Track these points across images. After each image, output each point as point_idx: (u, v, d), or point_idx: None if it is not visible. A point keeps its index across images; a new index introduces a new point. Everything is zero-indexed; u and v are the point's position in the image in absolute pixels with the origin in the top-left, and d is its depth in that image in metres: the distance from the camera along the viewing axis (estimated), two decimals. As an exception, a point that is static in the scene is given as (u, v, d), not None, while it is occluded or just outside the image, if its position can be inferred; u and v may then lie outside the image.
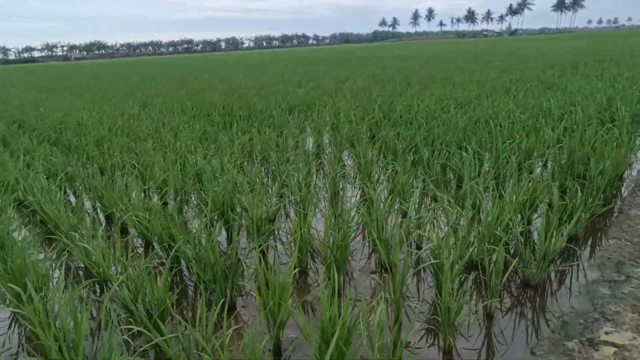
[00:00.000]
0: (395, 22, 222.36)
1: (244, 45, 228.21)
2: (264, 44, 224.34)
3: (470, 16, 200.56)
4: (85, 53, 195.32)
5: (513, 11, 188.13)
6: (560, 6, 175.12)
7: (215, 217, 3.75)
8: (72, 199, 4.93)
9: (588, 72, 11.80)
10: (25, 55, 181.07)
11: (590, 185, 3.79)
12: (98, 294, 2.95)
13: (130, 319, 2.35)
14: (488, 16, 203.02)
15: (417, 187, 4.12)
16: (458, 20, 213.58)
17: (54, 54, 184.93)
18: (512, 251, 3.19)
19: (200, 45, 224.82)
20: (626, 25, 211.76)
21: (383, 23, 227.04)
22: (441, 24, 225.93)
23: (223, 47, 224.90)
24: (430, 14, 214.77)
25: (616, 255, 3.10)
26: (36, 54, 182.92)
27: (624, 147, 4.51)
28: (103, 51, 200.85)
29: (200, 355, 2.00)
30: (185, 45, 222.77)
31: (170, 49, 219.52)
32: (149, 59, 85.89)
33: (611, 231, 3.48)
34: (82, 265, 3.27)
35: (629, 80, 9.78)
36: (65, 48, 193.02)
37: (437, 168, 4.45)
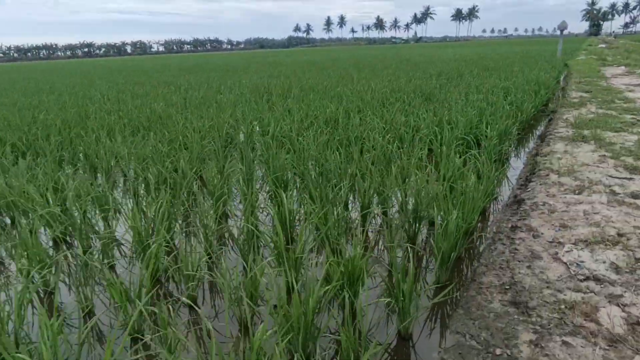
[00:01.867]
0: (309, 28, 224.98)
1: (152, 50, 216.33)
2: (175, 48, 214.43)
3: (379, 24, 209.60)
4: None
5: (417, 20, 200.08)
6: (458, 16, 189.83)
7: None
8: None
9: (469, 82, 11.67)
10: None
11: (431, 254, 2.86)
12: None
13: None
14: (395, 24, 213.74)
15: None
16: (368, 27, 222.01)
17: None
18: None
19: (103, 49, 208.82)
20: (513, 35, 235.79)
21: (297, 29, 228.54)
22: (352, 30, 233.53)
23: (129, 51, 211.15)
24: (341, 20, 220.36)
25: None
26: None
27: (483, 186, 3.72)
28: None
29: None
30: (85, 49, 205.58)
31: (68, 52, 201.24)
32: (40, 63, 76.77)
33: (454, 322, 2.54)
34: None
35: (503, 91, 9.62)
36: None
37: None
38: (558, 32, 24.45)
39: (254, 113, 8.01)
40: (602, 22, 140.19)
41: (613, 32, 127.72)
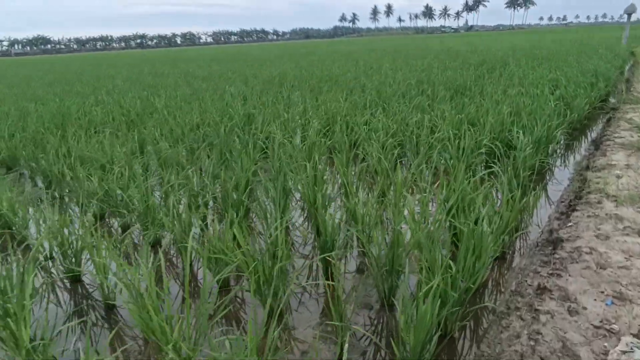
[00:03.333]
0: (354, 17, 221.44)
1: (201, 41, 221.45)
2: (222, 39, 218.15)
3: (428, 12, 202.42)
4: (28, 48, 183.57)
5: (469, 7, 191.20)
6: (512, 3, 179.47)
7: None
8: None
9: (513, 73, 10.10)
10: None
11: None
12: None
13: None
14: (445, 12, 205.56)
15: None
16: (416, 16, 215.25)
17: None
18: None
19: (155, 41, 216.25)
20: (574, 23, 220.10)
21: (343, 19, 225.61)
22: (400, 19, 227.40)
23: (179, 42, 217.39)
24: (388, 9, 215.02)
25: None
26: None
27: (503, 220, 2.55)
28: (49, 46, 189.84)
29: None
30: (139, 40, 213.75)
31: (122, 44, 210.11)
32: (96, 54, 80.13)
33: None
34: None
35: (552, 83, 8.08)
36: (5, 43, 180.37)
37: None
38: (624, 18, 21.59)
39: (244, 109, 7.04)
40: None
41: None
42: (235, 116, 6.24)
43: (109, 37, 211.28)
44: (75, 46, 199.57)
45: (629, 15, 20.24)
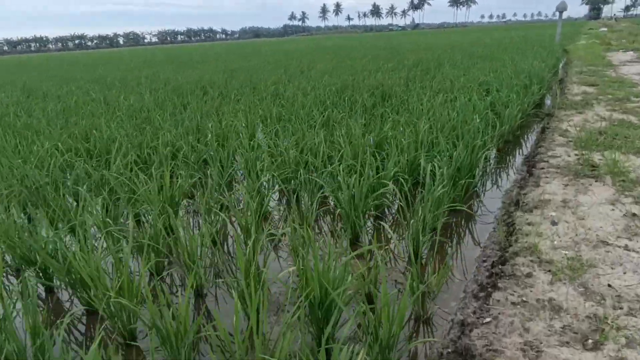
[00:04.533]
0: (304, 16, 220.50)
1: (145, 41, 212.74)
2: (168, 38, 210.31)
3: (376, 11, 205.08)
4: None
5: (415, 6, 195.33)
6: (455, 2, 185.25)
7: None
8: None
9: (447, 74, 9.33)
10: None
11: None
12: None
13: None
14: (392, 11, 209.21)
15: None
16: (364, 14, 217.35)
17: None
18: None
19: (95, 41, 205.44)
20: (512, 20, 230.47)
21: (292, 17, 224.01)
22: (349, 18, 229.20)
23: (121, 42, 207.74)
24: (337, 8, 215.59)
25: None
26: None
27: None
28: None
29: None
30: (77, 41, 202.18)
31: (59, 44, 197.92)
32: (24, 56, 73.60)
33: None
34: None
35: (483, 87, 7.31)
36: None
37: None
38: (556, 16, 21.83)
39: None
40: (602, 6, 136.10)
41: (614, 15, 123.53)
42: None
43: (44, 38, 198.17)
44: (5, 47, 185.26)
45: (560, 13, 20.41)
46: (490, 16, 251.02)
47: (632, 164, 3.89)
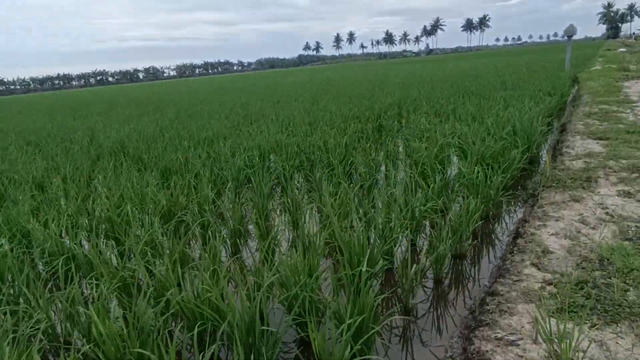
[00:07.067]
0: (318, 45, 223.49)
1: (164, 75, 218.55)
2: (187, 72, 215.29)
3: (389, 38, 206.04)
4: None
5: (427, 32, 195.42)
6: (469, 26, 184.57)
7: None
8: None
9: (407, 135, 7.41)
10: None
11: None
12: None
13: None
14: (405, 37, 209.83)
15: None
16: (378, 42, 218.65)
17: None
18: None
19: (116, 77, 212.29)
20: (528, 42, 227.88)
21: (307, 47, 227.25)
22: (362, 46, 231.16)
23: (141, 77, 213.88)
24: (351, 37, 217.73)
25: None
26: None
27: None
28: (3, 87, 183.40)
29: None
30: (99, 77, 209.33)
31: (82, 81, 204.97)
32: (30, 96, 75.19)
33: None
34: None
35: (440, 164, 5.34)
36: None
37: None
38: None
39: None
40: (620, 24, 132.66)
41: (633, 33, 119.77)
42: None
43: (68, 75, 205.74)
44: (32, 85, 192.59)
45: (569, 37, 18.41)
46: (506, 39, 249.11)
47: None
